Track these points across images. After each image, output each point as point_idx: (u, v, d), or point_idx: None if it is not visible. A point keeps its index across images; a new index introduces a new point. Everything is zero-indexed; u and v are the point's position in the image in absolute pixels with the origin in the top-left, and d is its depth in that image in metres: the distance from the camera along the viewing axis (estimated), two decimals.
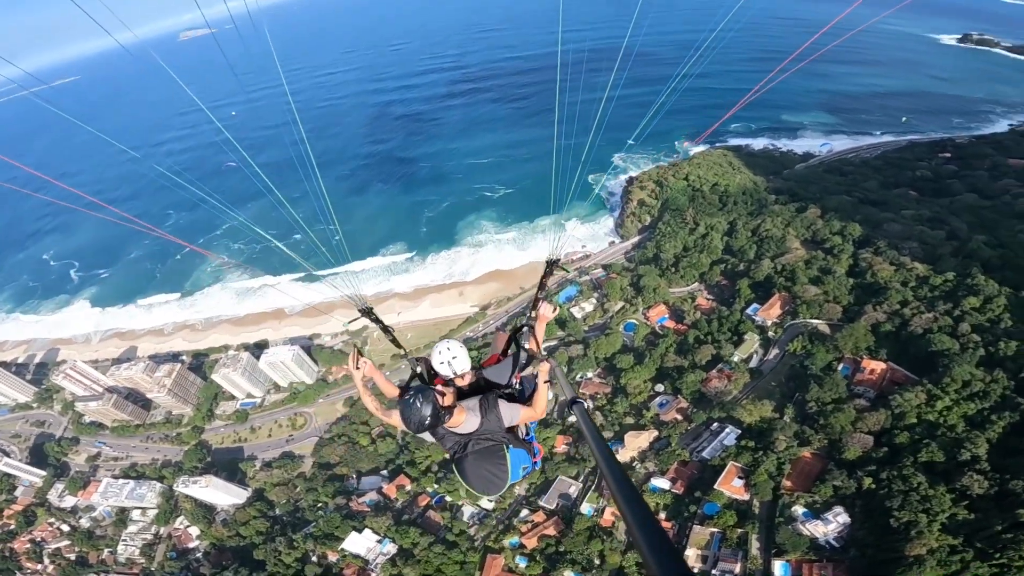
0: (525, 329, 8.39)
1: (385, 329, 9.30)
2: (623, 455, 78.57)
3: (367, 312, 9.21)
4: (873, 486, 58.61)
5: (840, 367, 73.85)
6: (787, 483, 64.15)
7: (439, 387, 6.93)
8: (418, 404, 6.24)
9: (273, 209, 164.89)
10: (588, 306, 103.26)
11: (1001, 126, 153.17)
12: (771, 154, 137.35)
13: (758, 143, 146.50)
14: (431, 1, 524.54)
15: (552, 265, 9.46)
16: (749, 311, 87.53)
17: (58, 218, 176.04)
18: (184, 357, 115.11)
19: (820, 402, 69.80)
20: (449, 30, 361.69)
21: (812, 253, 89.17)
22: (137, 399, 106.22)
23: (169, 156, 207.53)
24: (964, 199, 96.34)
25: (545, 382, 7.48)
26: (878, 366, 71.52)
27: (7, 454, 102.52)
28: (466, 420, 6.92)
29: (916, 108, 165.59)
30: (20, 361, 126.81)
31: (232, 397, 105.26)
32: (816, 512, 59.80)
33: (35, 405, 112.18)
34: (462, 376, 7.35)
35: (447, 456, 7.28)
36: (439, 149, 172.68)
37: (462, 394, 7.43)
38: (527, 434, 7.90)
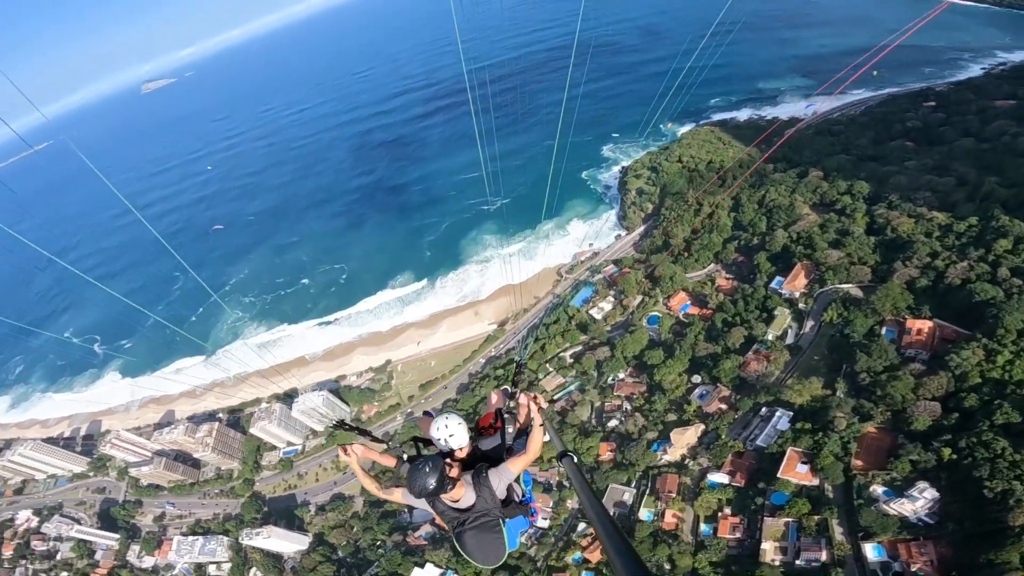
0: (507, 416, 8.72)
1: (362, 432, 9.87)
2: (672, 453, 75.87)
3: (340, 424, 9.65)
4: (954, 456, 54.90)
5: (884, 331, 70.89)
6: (857, 462, 60.80)
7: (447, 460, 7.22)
8: (427, 470, 6.60)
9: (276, 255, 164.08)
10: (607, 305, 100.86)
11: (974, 71, 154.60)
12: (757, 124, 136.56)
13: (742, 115, 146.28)
14: (387, 25, 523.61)
15: (519, 367, 10.33)
16: (773, 285, 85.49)
17: (69, 296, 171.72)
18: (220, 415, 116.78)
19: (872, 372, 66.63)
20: (412, 49, 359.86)
21: (825, 216, 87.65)
22: (186, 459, 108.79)
23: (160, 218, 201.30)
24: (962, 144, 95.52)
25: (540, 425, 7.88)
26: (924, 325, 68.40)
27: (78, 521, 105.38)
28: (464, 495, 7.24)
29: (884, 62, 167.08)
30: (66, 435, 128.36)
31: (274, 447, 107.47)
32: (899, 489, 56.36)
33: (92, 473, 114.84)
34: (460, 450, 7.82)
35: (447, 530, 7.58)
36: (427, 170, 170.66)
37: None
38: (523, 496, 8.26)
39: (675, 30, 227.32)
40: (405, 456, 8.19)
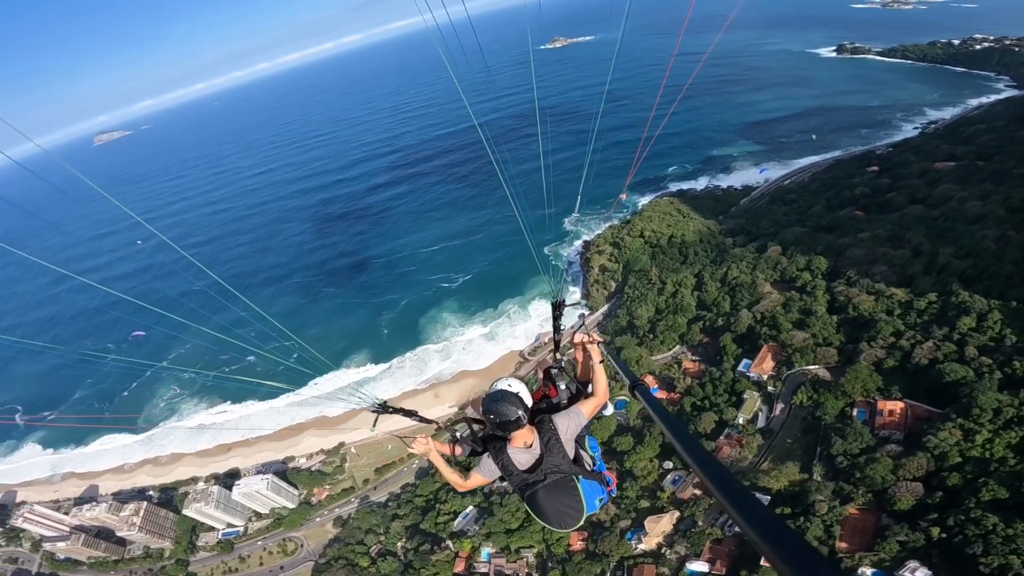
0: (555, 371, 8.17)
1: (408, 414, 8.98)
2: (647, 542, 71.71)
3: (384, 407, 8.80)
4: (943, 535, 52.95)
5: (855, 412, 69.49)
6: (842, 544, 57.76)
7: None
8: (507, 399, 6.45)
9: (224, 331, 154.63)
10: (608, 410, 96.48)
11: (908, 131, 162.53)
12: (714, 193, 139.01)
13: (699, 183, 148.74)
14: (347, 88, 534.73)
15: (560, 307, 9.38)
16: (741, 368, 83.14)
17: None
18: (151, 492, 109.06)
19: (849, 454, 64.84)
20: (373, 113, 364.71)
21: (786, 294, 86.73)
22: (109, 536, 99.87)
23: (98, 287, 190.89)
24: (912, 211, 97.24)
25: (600, 362, 7.51)
26: (896, 405, 67.10)
27: None
28: (533, 442, 6.80)
29: (825, 125, 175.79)
30: None
31: (212, 528, 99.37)
32: (888, 570, 53.36)
33: (2, 543, 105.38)
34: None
35: (515, 492, 6.94)
36: (388, 243, 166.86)
37: None
38: (593, 464, 7.45)
39: (633, 96, 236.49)
40: (459, 434, 7.82)
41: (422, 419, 9.12)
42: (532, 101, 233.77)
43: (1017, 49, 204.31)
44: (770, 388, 79.88)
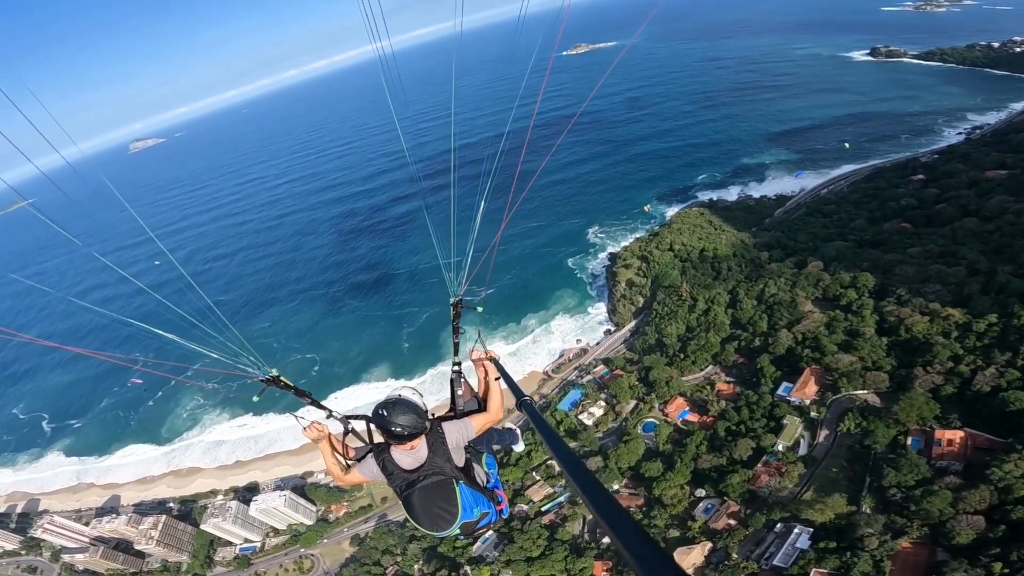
0: (454, 376, 8.10)
1: (300, 393, 8.21)
2: None
3: (275, 380, 8.11)
4: (1007, 571, 48.56)
5: (909, 441, 64.50)
6: None
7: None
8: (403, 405, 6.27)
9: (242, 345, 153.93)
10: (597, 410, 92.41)
11: (952, 137, 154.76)
12: (746, 203, 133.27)
13: (730, 194, 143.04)
14: (369, 97, 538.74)
15: (457, 306, 8.94)
16: (781, 391, 78.13)
17: (22, 369, 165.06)
18: (171, 504, 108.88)
19: (903, 486, 59.86)
20: (401, 121, 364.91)
21: (830, 314, 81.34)
22: (128, 548, 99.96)
23: (130, 297, 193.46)
24: (965, 225, 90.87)
25: (496, 379, 7.52)
26: (955, 435, 62.04)
27: None
28: (418, 447, 6.62)
29: (861, 132, 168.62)
30: (2, 511, 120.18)
31: (229, 543, 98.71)
32: None
33: (23, 552, 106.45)
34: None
35: (396, 493, 6.78)
36: (409, 256, 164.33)
37: None
38: (488, 482, 7.50)
39: (659, 104, 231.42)
40: (351, 427, 7.66)
41: (316, 403, 8.30)
42: (558, 108, 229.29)
43: None
44: (813, 414, 74.68)
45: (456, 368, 8.20)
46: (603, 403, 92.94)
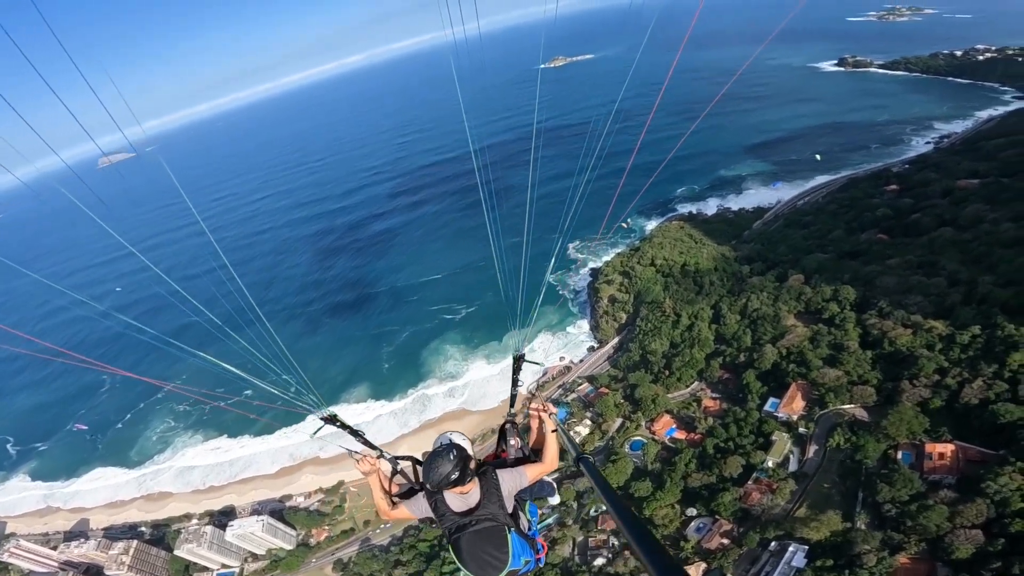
0: (508, 426, 8.16)
1: (354, 432, 8.56)
2: None
3: (332, 419, 8.31)
4: None
5: (900, 455, 63.73)
6: None
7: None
8: (450, 457, 6.20)
9: (216, 364, 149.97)
10: (583, 429, 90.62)
11: (921, 146, 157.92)
12: (725, 216, 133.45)
13: (709, 206, 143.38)
14: (348, 110, 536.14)
15: (519, 360, 9.19)
16: (768, 407, 77.12)
17: None
18: (143, 528, 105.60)
19: (897, 502, 59.01)
20: (374, 135, 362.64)
21: (813, 328, 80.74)
22: (98, 573, 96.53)
23: (99, 318, 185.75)
24: (942, 235, 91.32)
25: (552, 431, 7.53)
26: (946, 448, 61.43)
27: None
28: (471, 492, 6.64)
29: (834, 142, 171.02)
30: None
31: (206, 568, 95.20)
32: None
33: None
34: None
35: (444, 536, 6.82)
36: (389, 274, 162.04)
37: None
38: (530, 528, 7.60)
39: (638, 115, 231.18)
40: (399, 467, 7.82)
41: (367, 443, 8.46)
42: (540, 121, 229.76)
43: (1020, 59, 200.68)
44: (801, 429, 73.72)
45: (511, 419, 8.23)
46: (589, 422, 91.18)
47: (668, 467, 78.02)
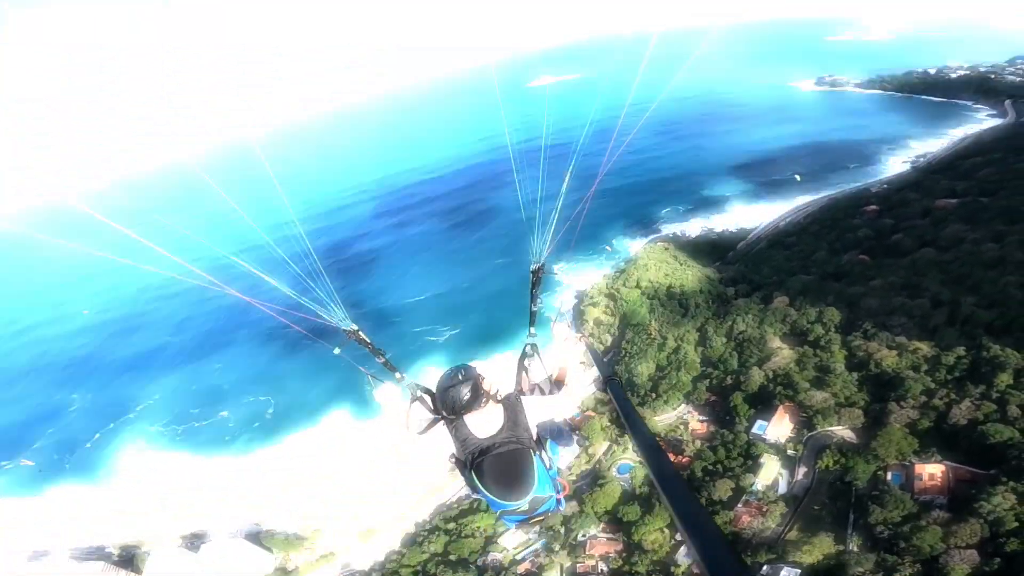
0: (528, 350, 7.84)
1: (376, 351, 8.29)
2: None
3: (354, 335, 7.97)
4: None
5: (890, 476, 63.56)
6: None
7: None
8: (459, 378, 6.11)
9: (193, 383, 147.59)
10: (569, 454, 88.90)
11: (899, 166, 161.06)
12: (709, 237, 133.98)
13: (692, 227, 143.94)
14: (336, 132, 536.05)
15: (537, 273, 8.29)
16: (756, 430, 76.17)
17: None
18: (110, 549, 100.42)
19: (889, 523, 58.42)
20: (365, 159, 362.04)
21: (799, 350, 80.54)
22: None
23: (46, 341, 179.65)
24: (923, 255, 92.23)
25: (581, 362, 6.84)
26: (937, 468, 61.37)
27: None
28: (494, 416, 6.37)
29: (814, 162, 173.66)
30: None
31: None
32: None
33: None
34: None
35: (464, 463, 6.39)
36: (372, 295, 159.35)
37: None
38: (550, 468, 6.93)
39: (624, 135, 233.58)
40: (419, 394, 7.33)
41: (388, 364, 8.01)
42: (525, 140, 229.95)
43: (993, 77, 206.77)
44: (790, 451, 72.93)
45: (532, 342, 7.86)
46: (575, 445, 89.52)
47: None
